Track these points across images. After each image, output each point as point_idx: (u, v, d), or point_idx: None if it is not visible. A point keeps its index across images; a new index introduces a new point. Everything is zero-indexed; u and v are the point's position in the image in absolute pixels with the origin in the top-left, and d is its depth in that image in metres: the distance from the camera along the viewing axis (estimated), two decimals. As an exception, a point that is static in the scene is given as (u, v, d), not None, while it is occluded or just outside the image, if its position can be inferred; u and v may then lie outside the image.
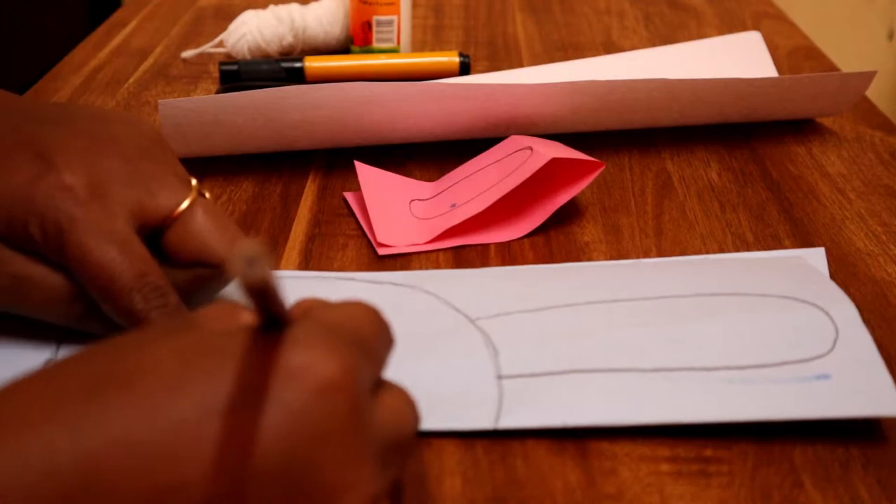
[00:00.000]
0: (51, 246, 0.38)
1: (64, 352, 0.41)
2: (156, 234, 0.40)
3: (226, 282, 0.42)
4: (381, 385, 0.31)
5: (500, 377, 0.39)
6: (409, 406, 0.31)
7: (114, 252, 0.37)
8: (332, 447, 0.26)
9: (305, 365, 0.27)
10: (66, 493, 0.24)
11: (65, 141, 0.40)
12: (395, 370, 0.37)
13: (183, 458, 0.25)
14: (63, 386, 0.26)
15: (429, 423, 0.37)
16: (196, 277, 0.40)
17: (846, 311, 0.42)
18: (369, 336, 0.30)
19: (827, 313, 0.42)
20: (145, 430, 0.25)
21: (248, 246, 0.22)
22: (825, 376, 0.38)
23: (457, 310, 0.44)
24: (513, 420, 0.38)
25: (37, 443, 0.24)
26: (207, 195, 0.41)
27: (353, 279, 0.47)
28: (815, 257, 0.50)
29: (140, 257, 0.38)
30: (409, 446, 0.30)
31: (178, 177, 0.41)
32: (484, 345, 0.41)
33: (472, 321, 0.43)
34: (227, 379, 0.26)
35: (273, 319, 0.28)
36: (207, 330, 0.28)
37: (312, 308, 0.31)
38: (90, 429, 0.25)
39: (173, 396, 0.26)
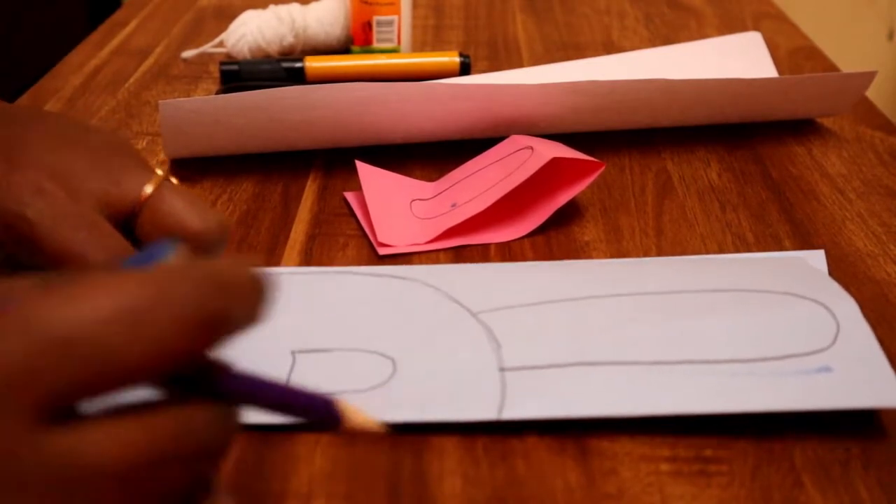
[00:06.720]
0: (21, 241, 0.37)
1: None
2: (129, 226, 0.40)
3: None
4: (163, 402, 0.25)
5: (502, 369, 0.40)
6: (140, 430, 0.24)
7: (83, 234, 0.37)
8: None
9: None
10: None
11: (31, 140, 0.40)
12: (399, 363, 0.37)
13: None
14: None
15: (432, 414, 0.37)
16: None
17: (847, 307, 0.42)
18: (89, 337, 0.23)
19: (828, 308, 0.42)
20: None
21: None
22: (827, 369, 0.39)
23: (459, 303, 0.44)
24: (516, 411, 0.38)
25: None
26: (175, 181, 0.41)
27: (353, 273, 0.47)
28: (815, 259, 0.50)
29: (111, 236, 0.38)
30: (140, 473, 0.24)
31: (142, 166, 0.41)
32: (486, 338, 0.41)
33: (473, 315, 0.43)
34: None
35: None
36: None
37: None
38: None
39: None
